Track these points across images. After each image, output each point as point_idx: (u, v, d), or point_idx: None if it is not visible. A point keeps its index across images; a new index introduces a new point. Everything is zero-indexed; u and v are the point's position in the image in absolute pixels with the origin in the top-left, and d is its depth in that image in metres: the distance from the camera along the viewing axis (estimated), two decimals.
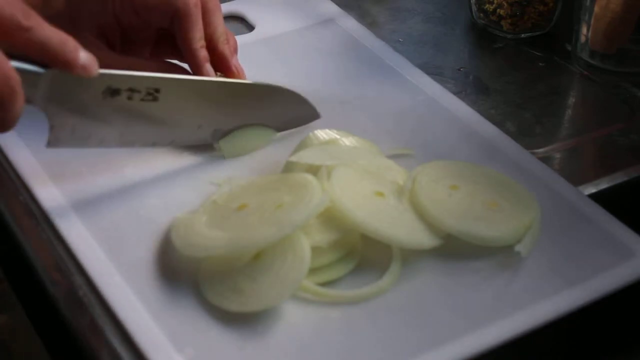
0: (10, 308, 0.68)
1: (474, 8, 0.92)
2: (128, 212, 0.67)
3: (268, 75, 0.73)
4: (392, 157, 0.70)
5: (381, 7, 0.96)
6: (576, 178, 0.72)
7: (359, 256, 0.63)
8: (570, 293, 0.61)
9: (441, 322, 0.59)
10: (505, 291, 0.61)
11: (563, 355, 0.68)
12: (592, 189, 0.72)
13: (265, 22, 0.89)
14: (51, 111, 0.63)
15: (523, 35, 0.91)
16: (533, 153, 0.74)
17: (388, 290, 0.61)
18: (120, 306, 0.60)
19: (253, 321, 0.59)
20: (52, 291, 0.63)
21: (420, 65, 0.84)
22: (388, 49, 0.86)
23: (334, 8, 0.92)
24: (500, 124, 0.77)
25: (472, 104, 0.79)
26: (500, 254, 0.63)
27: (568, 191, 0.69)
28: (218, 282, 0.60)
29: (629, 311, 0.67)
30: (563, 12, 0.90)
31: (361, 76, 0.82)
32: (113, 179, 0.70)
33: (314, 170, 0.65)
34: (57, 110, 0.63)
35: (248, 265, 0.60)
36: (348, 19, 0.90)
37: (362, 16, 0.93)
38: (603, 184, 0.73)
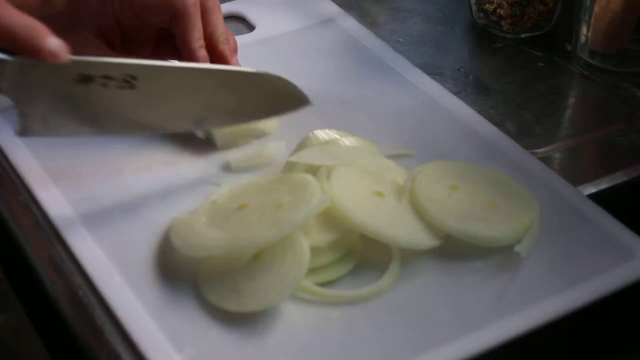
0: (10, 308, 0.68)
1: (474, 8, 0.92)
2: (128, 212, 0.67)
3: None
4: (392, 157, 0.70)
5: (381, 7, 0.96)
6: (576, 178, 0.72)
7: (359, 256, 0.63)
8: (570, 293, 0.61)
9: (441, 322, 0.59)
10: (505, 291, 0.61)
11: (563, 355, 0.68)
12: (592, 189, 0.72)
13: (265, 22, 0.89)
14: (21, 100, 0.61)
15: (523, 35, 0.91)
16: (533, 153, 0.74)
17: (388, 290, 0.61)
18: (120, 306, 0.60)
19: (253, 321, 0.59)
20: (52, 291, 0.63)
21: (420, 65, 0.84)
22: (388, 49, 0.85)
23: (334, 8, 0.92)
24: (500, 124, 0.77)
25: (472, 104, 0.79)
26: (500, 254, 0.63)
27: (568, 191, 0.69)
28: (218, 282, 0.60)
29: (629, 311, 0.67)
30: (563, 12, 0.90)
31: (361, 76, 0.82)
32: (113, 180, 0.70)
33: (314, 170, 0.65)
34: (27, 98, 0.61)
35: (248, 265, 0.60)
36: (348, 19, 0.90)
37: (362, 16, 0.93)
38: (603, 184, 0.73)
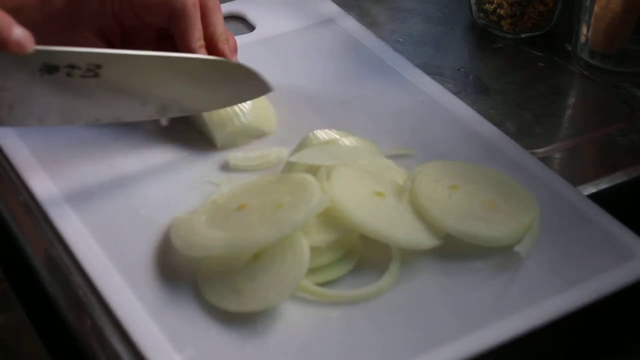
0: (10, 308, 0.68)
1: (474, 8, 0.92)
2: (128, 212, 0.67)
3: (268, 75, 0.73)
4: (392, 157, 0.70)
5: (381, 7, 0.96)
6: (576, 178, 0.72)
7: (359, 256, 0.63)
8: (570, 293, 0.61)
9: (441, 322, 0.59)
10: (505, 291, 0.61)
11: (563, 355, 0.68)
12: (592, 189, 0.72)
13: (265, 22, 0.89)
14: None
15: (523, 35, 0.91)
16: (533, 153, 0.74)
17: (388, 290, 0.61)
18: (119, 306, 0.60)
19: (253, 321, 0.59)
20: (52, 291, 0.63)
21: (420, 65, 0.84)
22: (388, 49, 0.85)
23: (334, 8, 0.92)
24: (500, 124, 0.77)
25: (472, 104, 0.79)
26: (500, 254, 0.63)
27: (568, 191, 0.69)
28: (218, 282, 0.60)
29: (629, 311, 0.67)
30: (563, 12, 0.90)
31: (361, 76, 0.82)
32: (113, 180, 0.70)
33: (314, 170, 0.65)
34: None
35: (247, 265, 0.60)
36: (348, 19, 0.90)
37: (362, 16, 0.93)
38: (603, 184, 0.73)
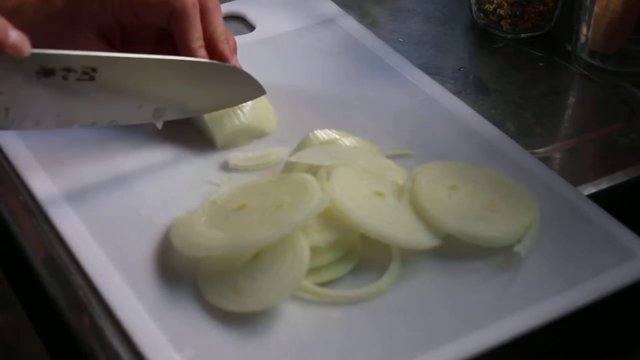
0: (10, 308, 0.68)
1: (474, 8, 0.92)
2: (128, 212, 0.67)
3: (268, 75, 0.73)
4: (392, 157, 0.70)
5: (381, 7, 0.96)
6: (576, 178, 0.72)
7: (359, 256, 0.63)
8: (570, 293, 0.61)
9: (441, 322, 0.59)
10: (505, 291, 0.61)
11: (563, 355, 0.68)
12: (592, 189, 0.72)
13: (265, 22, 0.89)
14: None
15: (523, 35, 0.91)
16: (533, 153, 0.74)
17: (388, 290, 0.61)
18: (119, 306, 0.60)
19: (253, 321, 0.59)
20: (52, 291, 0.63)
21: (420, 65, 0.84)
22: (388, 49, 0.85)
23: (334, 8, 0.92)
24: (500, 124, 0.77)
25: (472, 104, 0.79)
26: (500, 254, 0.63)
27: (568, 191, 0.69)
28: (218, 282, 0.60)
29: (629, 311, 0.67)
30: (563, 12, 0.90)
31: (361, 76, 0.82)
32: (113, 180, 0.70)
33: (314, 170, 0.65)
34: None
35: (247, 265, 0.60)
36: (348, 19, 0.90)
37: (362, 16, 0.93)
38: (603, 184, 0.73)
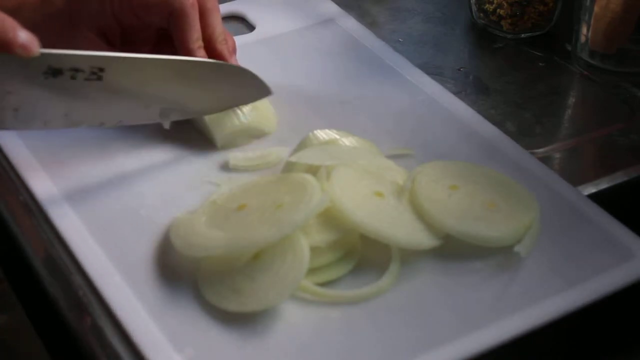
0: (10, 308, 0.68)
1: (474, 8, 0.92)
2: (128, 212, 0.67)
3: (268, 75, 0.73)
4: (392, 157, 0.70)
5: (381, 7, 0.96)
6: (576, 178, 0.72)
7: (359, 256, 0.63)
8: (570, 293, 0.61)
9: (441, 322, 0.59)
10: (505, 291, 0.61)
11: (563, 355, 0.68)
12: (592, 189, 0.72)
13: (265, 22, 0.89)
14: None
15: (523, 35, 0.91)
16: (533, 153, 0.74)
17: (388, 290, 0.61)
18: (119, 306, 0.60)
19: (253, 321, 0.59)
20: (52, 291, 0.63)
21: (420, 65, 0.84)
22: (388, 49, 0.85)
23: (334, 8, 0.92)
24: (500, 124, 0.77)
25: (472, 104, 0.79)
26: (500, 254, 0.63)
27: (568, 191, 0.69)
28: (217, 282, 0.60)
29: (629, 311, 0.67)
30: (563, 12, 0.90)
31: (361, 76, 0.82)
32: (113, 180, 0.70)
33: (314, 170, 0.65)
34: None
35: (247, 265, 0.60)
36: (348, 19, 0.90)
37: (362, 16, 0.93)
38: (603, 184, 0.73)
